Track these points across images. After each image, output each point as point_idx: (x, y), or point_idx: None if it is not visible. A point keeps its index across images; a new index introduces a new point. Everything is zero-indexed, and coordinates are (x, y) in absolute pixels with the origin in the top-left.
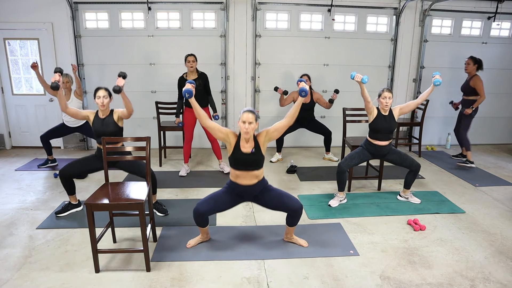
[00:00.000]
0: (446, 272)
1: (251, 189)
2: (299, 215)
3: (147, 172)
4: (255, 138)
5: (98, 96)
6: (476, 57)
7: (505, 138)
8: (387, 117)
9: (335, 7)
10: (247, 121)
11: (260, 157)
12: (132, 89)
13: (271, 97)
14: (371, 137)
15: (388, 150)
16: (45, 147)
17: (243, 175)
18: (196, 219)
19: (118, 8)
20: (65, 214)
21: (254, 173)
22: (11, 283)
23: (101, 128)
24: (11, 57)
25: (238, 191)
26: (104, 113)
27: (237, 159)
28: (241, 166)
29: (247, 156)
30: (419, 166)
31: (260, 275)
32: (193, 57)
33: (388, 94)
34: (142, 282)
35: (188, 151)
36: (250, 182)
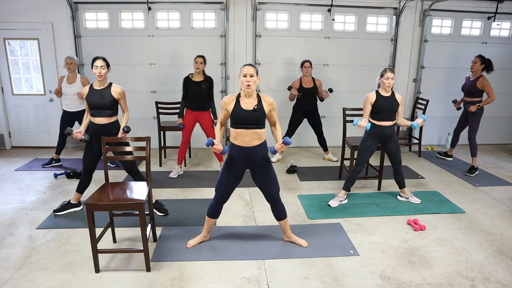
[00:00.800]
0: (446, 272)
1: (253, 151)
2: (279, 203)
3: (147, 172)
4: (259, 96)
5: (95, 66)
6: (485, 56)
7: (505, 138)
8: (389, 97)
9: (335, 7)
10: (248, 74)
11: (262, 114)
12: (132, 89)
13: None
14: (374, 119)
15: (393, 132)
16: (60, 145)
17: (243, 133)
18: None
19: (118, 8)
20: (63, 213)
21: (256, 131)
22: (11, 283)
23: (96, 99)
24: (11, 57)
25: (239, 156)
26: (100, 84)
27: (237, 116)
28: (241, 123)
29: (248, 112)
30: (401, 161)
31: (260, 275)
32: (201, 59)
33: (390, 74)
34: (142, 282)
35: (183, 152)
36: (251, 142)
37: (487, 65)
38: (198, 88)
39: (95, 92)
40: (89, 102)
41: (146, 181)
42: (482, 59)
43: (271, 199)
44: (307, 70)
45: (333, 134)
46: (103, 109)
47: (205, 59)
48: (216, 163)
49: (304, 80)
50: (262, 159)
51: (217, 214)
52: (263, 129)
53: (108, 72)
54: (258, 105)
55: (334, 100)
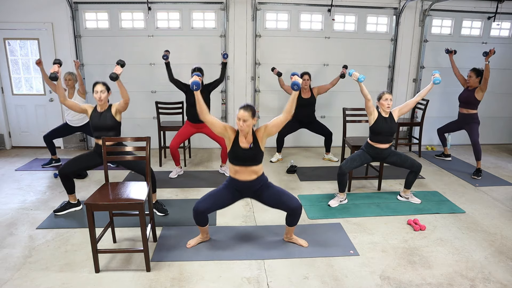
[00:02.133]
0: (446, 272)
1: (250, 184)
2: (298, 214)
3: (147, 172)
4: (254, 134)
5: (96, 91)
6: (479, 68)
7: (505, 138)
8: (388, 119)
9: (335, 7)
10: (242, 119)
11: (258, 152)
12: (132, 89)
13: (271, 97)
14: (372, 140)
15: (389, 153)
16: (49, 147)
17: (241, 170)
18: (196, 218)
19: (118, 8)
20: (64, 213)
21: (253, 168)
22: (11, 283)
23: (98, 122)
24: (11, 57)
25: (237, 187)
26: (102, 107)
27: (235, 154)
28: (240, 161)
29: (245, 151)
30: (420, 166)
31: (260, 275)
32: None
33: (388, 96)
34: (142, 282)
35: (176, 154)
36: (249, 177)
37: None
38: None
39: (97, 115)
40: (92, 125)
41: (146, 181)
42: (477, 72)
43: (291, 211)
44: (306, 83)
45: (333, 134)
46: (106, 131)
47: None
48: (216, 163)
49: (302, 91)
50: (260, 187)
51: (206, 221)
52: (260, 165)
53: (109, 96)
54: (254, 143)
55: (334, 100)
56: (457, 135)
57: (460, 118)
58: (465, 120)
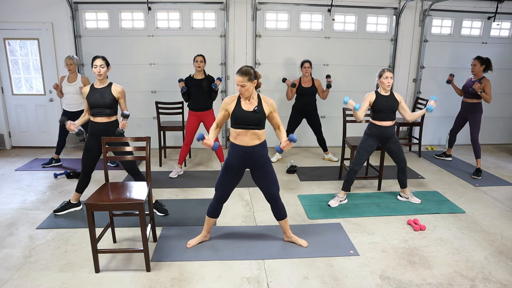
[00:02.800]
0: (446, 272)
1: (252, 150)
2: (279, 204)
3: (147, 172)
4: (260, 99)
5: (95, 65)
6: (483, 56)
7: (505, 138)
8: (389, 97)
9: (335, 7)
10: (238, 84)
11: (262, 115)
12: (132, 89)
13: (271, 97)
14: (374, 119)
15: (393, 133)
16: (60, 144)
17: (243, 133)
18: (212, 207)
19: (118, 8)
20: (64, 213)
21: (255, 131)
22: (11, 283)
23: (96, 98)
24: (11, 57)
25: (239, 155)
26: (101, 83)
27: (237, 116)
28: (241, 123)
29: (248, 113)
30: (405, 161)
31: (260, 275)
32: (201, 57)
33: (389, 73)
34: (142, 282)
35: (185, 153)
36: (251, 142)
37: (487, 65)
38: (199, 86)
39: (96, 91)
40: (89, 101)
41: (146, 181)
42: (481, 60)
43: (271, 198)
44: (307, 70)
45: (333, 134)
46: (103, 108)
47: (205, 58)
48: (216, 163)
49: (303, 80)
50: (261, 159)
51: (217, 214)
52: (262, 130)
53: (108, 71)
54: (259, 106)
55: (334, 100)
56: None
57: (463, 107)
58: (468, 108)
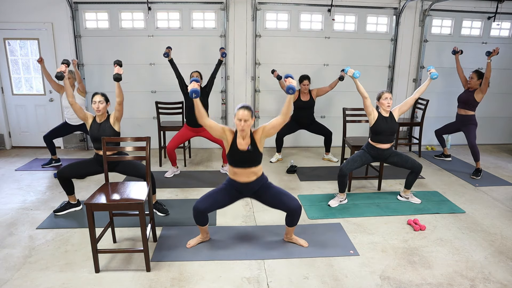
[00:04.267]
0: (446, 272)
1: (249, 185)
2: (297, 215)
3: (147, 172)
4: (252, 135)
5: (94, 101)
6: (481, 71)
7: (505, 138)
8: (388, 118)
9: (335, 7)
10: (242, 119)
11: (257, 154)
12: (132, 89)
13: (271, 97)
14: (373, 140)
15: (390, 153)
16: (49, 147)
17: (240, 172)
18: (196, 217)
19: (118, 8)
20: (64, 213)
21: (252, 170)
22: (11, 283)
23: (97, 133)
24: (11, 57)
25: (237, 188)
26: (100, 118)
27: (234, 156)
28: (238, 163)
29: (243, 153)
30: (420, 166)
31: (260, 275)
32: (197, 73)
33: (388, 95)
34: (142, 282)
35: (173, 155)
36: (248, 179)
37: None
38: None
39: (97, 125)
40: (91, 136)
41: (146, 181)
42: (478, 75)
43: (291, 211)
44: (306, 88)
45: (333, 134)
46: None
47: (201, 74)
48: (216, 163)
49: (301, 94)
50: (260, 188)
51: (206, 221)
52: (259, 166)
53: (108, 106)
54: (252, 145)
55: (334, 100)
56: (457, 135)
57: (458, 119)
58: (462, 121)
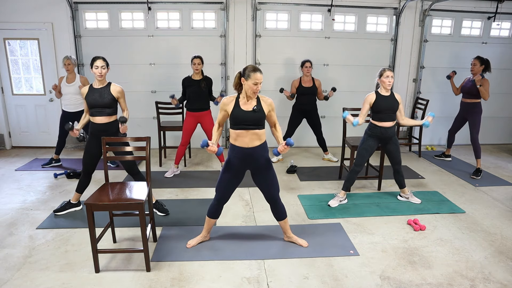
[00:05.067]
0: (446, 272)
1: (252, 151)
2: (279, 205)
3: (147, 172)
4: (258, 98)
5: (96, 66)
6: (483, 57)
7: (505, 138)
8: (389, 97)
9: (335, 7)
10: (259, 82)
11: (262, 114)
12: (132, 89)
13: (271, 97)
14: (374, 119)
15: (393, 133)
16: (60, 145)
17: (243, 134)
18: (212, 208)
19: (118, 8)
20: (64, 213)
21: (255, 132)
22: (11, 283)
23: (95, 98)
24: (11, 57)
25: (239, 156)
26: (100, 83)
27: (237, 117)
28: (241, 124)
29: (248, 113)
30: (401, 162)
31: (260, 275)
32: (199, 60)
33: (389, 73)
34: (142, 282)
35: (181, 153)
36: (251, 143)
37: (486, 66)
38: (197, 87)
39: (95, 91)
40: (88, 101)
41: (146, 181)
42: (481, 60)
43: (271, 199)
44: (308, 70)
45: (333, 134)
46: (103, 108)
47: (202, 60)
48: (216, 163)
49: (303, 79)
50: (262, 160)
51: (218, 215)
52: (262, 130)
53: (107, 71)
54: (258, 105)
55: (334, 100)
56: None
57: (463, 107)
58: (467, 109)
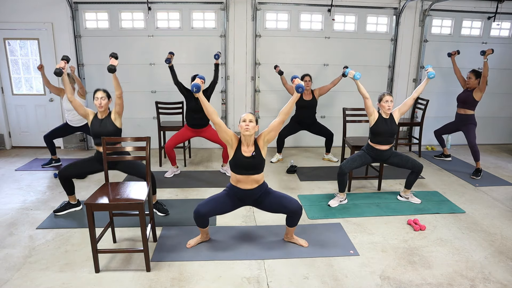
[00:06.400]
0: (446, 272)
1: (251, 193)
2: (298, 216)
3: (147, 172)
4: (256, 142)
5: (96, 98)
6: (479, 70)
7: (505, 138)
8: (388, 120)
9: (335, 7)
10: (247, 119)
11: (260, 160)
12: (132, 89)
13: (271, 97)
14: (372, 141)
15: (390, 154)
16: (49, 147)
17: (243, 179)
18: (197, 220)
19: (118, 8)
20: (64, 213)
21: (255, 177)
22: (11, 283)
23: (99, 129)
24: (11, 57)
25: (239, 195)
26: (102, 114)
27: (238, 163)
28: (242, 170)
29: (248, 159)
30: (421, 166)
31: (260, 275)
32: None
33: (389, 97)
34: (142, 282)
35: (172, 154)
36: (251, 186)
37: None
38: (195, 104)
39: (98, 121)
40: (92, 131)
41: (146, 181)
42: (476, 74)
43: (292, 214)
44: (307, 84)
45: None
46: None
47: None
48: (216, 163)
49: (303, 93)
50: (261, 195)
51: (206, 224)
52: (261, 174)
53: (110, 103)
54: (256, 151)
55: (334, 100)
56: (457, 135)
57: (457, 118)
58: (462, 121)
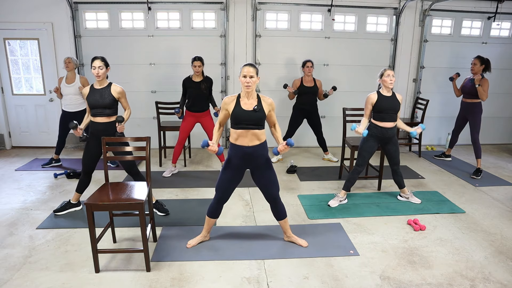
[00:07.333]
0: (446, 272)
1: (252, 151)
2: (279, 204)
3: (147, 172)
4: (259, 97)
5: (93, 66)
6: (484, 56)
7: (505, 138)
8: (390, 97)
9: (335, 7)
10: (248, 75)
11: (262, 114)
12: (132, 89)
13: (271, 97)
14: (376, 119)
15: (393, 134)
16: (59, 145)
17: (243, 134)
18: (212, 208)
19: (118, 8)
20: (64, 213)
21: (255, 132)
22: (11, 283)
23: (96, 98)
24: (11, 57)
25: (239, 155)
26: (100, 84)
27: (237, 116)
28: (242, 123)
29: (248, 112)
30: (399, 163)
31: (260, 275)
32: (199, 62)
33: (390, 72)
34: (142, 282)
35: (178, 152)
36: (251, 142)
37: (487, 65)
38: (197, 89)
39: (95, 91)
40: (89, 102)
41: (146, 181)
42: (481, 60)
43: (271, 199)
44: (309, 70)
45: (333, 134)
46: (103, 108)
47: (203, 61)
48: (216, 163)
49: (305, 79)
50: (262, 159)
51: (218, 214)
52: (262, 130)
53: (107, 71)
54: (258, 105)
55: (334, 100)
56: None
57: (463, 107)
58: (468, 108)
